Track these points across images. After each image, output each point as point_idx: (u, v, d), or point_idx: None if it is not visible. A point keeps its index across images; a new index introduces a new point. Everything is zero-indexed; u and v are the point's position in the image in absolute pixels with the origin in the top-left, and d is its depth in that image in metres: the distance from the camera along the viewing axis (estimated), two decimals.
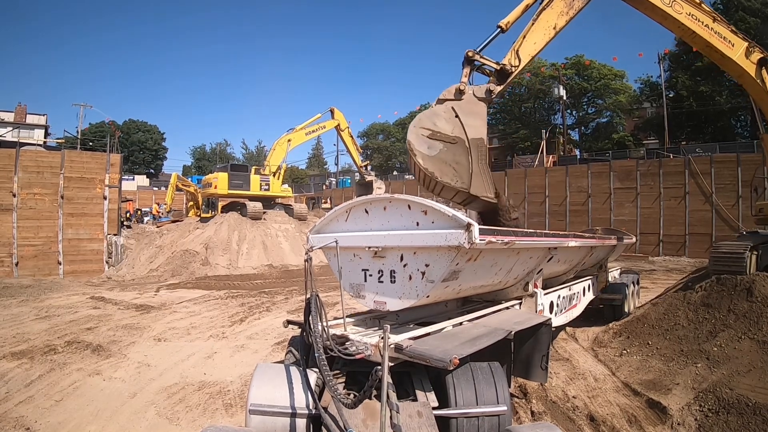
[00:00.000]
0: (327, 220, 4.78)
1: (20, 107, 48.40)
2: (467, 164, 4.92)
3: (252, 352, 7.30)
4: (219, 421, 4.83)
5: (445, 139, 4.92)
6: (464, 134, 5.01)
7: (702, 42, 6.86)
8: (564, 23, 5.68)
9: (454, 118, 5.04)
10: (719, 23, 6.84)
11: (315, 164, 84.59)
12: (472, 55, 5.28)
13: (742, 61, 7.13)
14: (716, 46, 6.88)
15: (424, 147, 4.85)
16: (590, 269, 8.38)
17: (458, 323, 4.33)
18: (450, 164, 4.88)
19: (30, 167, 16.71)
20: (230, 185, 22.71)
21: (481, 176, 4.93)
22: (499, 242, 3.77)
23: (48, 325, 8.95)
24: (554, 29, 5.62)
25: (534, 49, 5.55)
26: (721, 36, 6.86)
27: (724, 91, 36.18)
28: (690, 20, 6.56)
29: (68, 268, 16.80)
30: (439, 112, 5.08)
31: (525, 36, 5.48)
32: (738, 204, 22.70)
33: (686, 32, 6.73)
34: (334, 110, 25.70)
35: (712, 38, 6.80)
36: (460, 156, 4.94)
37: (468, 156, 4.95)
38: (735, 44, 7.05)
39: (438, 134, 4.91)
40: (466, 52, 5.28)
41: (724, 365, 5.61)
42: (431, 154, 4.83)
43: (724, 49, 6.95)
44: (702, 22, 6.67)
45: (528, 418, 4.82)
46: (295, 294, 12.82)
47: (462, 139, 5.00)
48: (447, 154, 4.90)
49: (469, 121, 5.06)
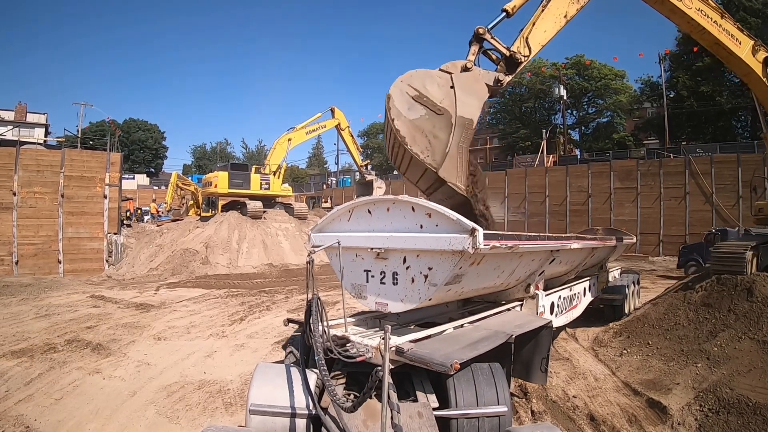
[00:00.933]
0: (329, 219, 4.76)
1: (20, 106, 48.34)
2: (445, 141, 4.34)
3: (252, 351, 7.30)
4: (219, 420, 4.83)
5: (430, 106, 4.34)
6: (454, 108, 4.45)
7: (710, 39, 6.73)
8: (575, 11, 5.40)
9: (449, 88, 4.51)
10: (727, 20, 6.76)
11: (315, 163, 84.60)
12: (483, 32, 4.82)
13: (749, 60, 7.05)
14: (725, 43, 6.75)
15: (405, 106, 4.31)
16: (591, 270, 8.38)
17: (459, 325, 4.32)
18: (426, 135, 4.30)
19: (30, 166, 16.69)
20: (230, 184, 22.70)
21: (457, 161, 4.35)
22: (503, 247, 3.76)
23: (48, 323, 8.95)
24: (565, 18, 5.33)
25: (544, 38, 5.21)
26: (728, 33, 6.76)
27: (725, 92, 36.17)
28: (699, 15, 6.43)
29: (68, 267, 16.80)
30: (434, 75, 4.53)
31: (534, 23, 5.15)
32: (738, 204, 22.70)
33: (695, 28, 6.61)
34: (334, 109, 25.68)
35: (720, 35, 6.67)
36: (440, 130, 4.35)
37: (449, 133, 4.36)
38: (742, 42, 6.97)
39: (425, 99, 4.35)
40: (476, 29, 4.81)
41: (724, 365, 5.62)
42: (409, 117, 4.28)
43: (732, 46, 6.85)
44: (711, 18, 6.55)
45: (528, 418, 4.82)
46: (295, 293, 12.82)
47: (450, 112, 4.42)
48: (426, 123, 4.33)
49: (465, 98, 4.53)
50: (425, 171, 4.41)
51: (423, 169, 4.38)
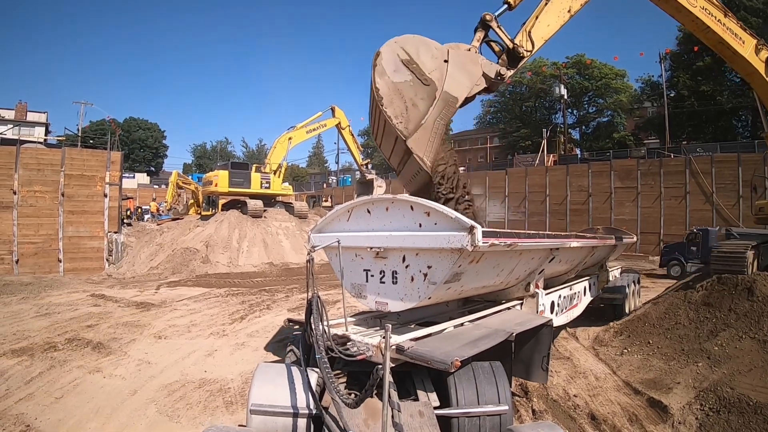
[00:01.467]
0: (328, 219, 4.76)
1: (21, 105, 48.35)
2: (423, 112, 4.17)
3: (252, 350, 7.30)
4: (219, 419, 4.83)
5: (417, 74, 4.20)
6: (442, 82, 4.29)
7: (714, 38, 6.75)
8: (579, 7, 5.34)
9: (443, 62, 4.36)
10: (730, 19, 6.76)
11: (315, 162, 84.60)
12: (490, 19, 4.72)
13: (752, 59, 7.07)
14: (729, 42, 6.76)
15: (391, 67, 4.16)
16: (591, 269, 8.38)
17: (459, 324, 4.32)
18: (405, 101, 4.13)
19: (30, 165, 16.68)
20: (231, 183, 22.69)
21: (430, 135, 4.18)
22: (502, 244, 3.76)
23: (48, 322, 8.94)
24: (569, 12, 5.27)
25: (547, 33, 5.14)
26: (732, 32, 6.77)
27: (725, 91, 36.17)
28: (703, 14, 6.43)
29: (68, 266, 16.79)
30: (430, 45, 4.37)
31: (537, 17, 5.08)
32: (738, 203, 22.69)
33: (699, 26, 6.61)
34: (335, 108, 25.65)
35: (724, 34, 6.68)
36: (421, 100, 4.18)
37: (430, 105, 4.19)
38: (745, 41, 6.98)
39: (414, 65, 4.20)
40: (483, 15, 4.71)
41: (725, 364, 5.62)
42: (393, 79, 4.14)
43: (736, 45, 6.86)
44: (715, 17, 6.56)
45: (529, 417, 4.82)
46: (295, 292, 12.82)
47: (436, 85, 4.26)
48: (409, 89, 4.17)
49: (456, 75, 4.37)
50: (396, 141, 4.22)
51: (394, 137, 4.20)
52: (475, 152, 65.52)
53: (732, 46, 6.84)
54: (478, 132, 65.20)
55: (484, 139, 64.50)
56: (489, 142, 63.62)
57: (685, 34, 36.48)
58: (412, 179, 4.63)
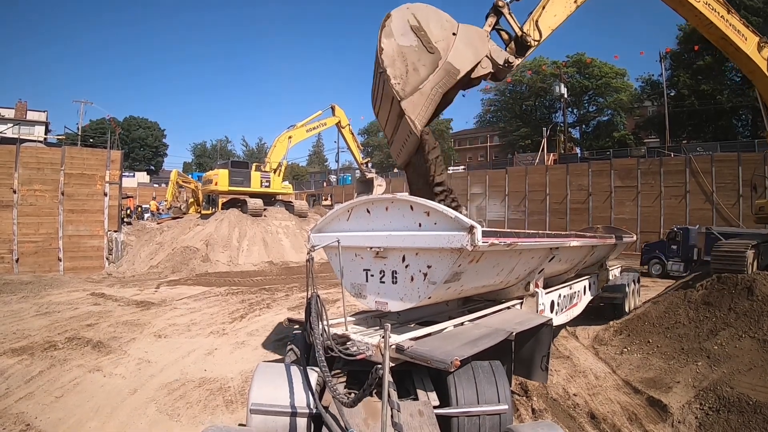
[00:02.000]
0: (328, 219, 4.76)
1: (21, 104, 48.24)
2: (423, 78, 4.24)
3: (252, 349, 7.31)
4: (219, 418, 4.83)
5: (424, 41, 4.24)
6: (446, 53, 4.35)
7: (717, 33, 6.77)
8: None
9: (452, 34, 4.42)
10: (733, 15, 6.78)
11: (315, 161, 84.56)
12: (502, 5, 4.80)
13: (754, 56, 7.09)
14: (731, 37, 6.80)
15: (399, 31, 4.23)
16: (591, 268, 8.38)
17: (459, 323, 4.32)
18: (407, 64, 4.21)
19: (30, 164, 16.66)
20: (231, 182, 22.67)
21: (426, 100, 4.25)
22: (502, 244, 3.76)
23: (48, 321, 8.95)
24: (575, 3, 5.31)
25: (554, 22, 5.20)
26: (735, 28, 6.80)
27: (726, 90, 36.14)
28: (707, 9, 6.47)
29: (68, 265, 16.79)
30: (441, 16, 4.44)
31: (544, 6, 5.15)
32: (738, 203, 22.69)
33: (702, 21, 6.64)
34: (335, 107, 25.63)
35: (727, 29, 6.71)
36: (423, 66, 4.25)
37: (430, 72, 4.26)
38: (748, 38, 7.00)
39: (422, 32, 4.25)
40: (495, 1, 4.78)
41: (724, 364, 5.62)
42: (399, 42, 4.20)
43: (738, 41, 6.89)
44: (718, 13, 6.59)
45: (529, 416, 4.83)
46: (295, 291, 12.82)
47: (440, 55, 4.31)
48: (413, 54, 4.23)
49: (462, 48, 4.44)
50: (392, 104, 4.28)
51: (390, 99, 4.24)
52: (475, 151, 65.55)
53: (734, 42, 6.86)
54: (478, 131, 65.23)
55: (484, 138, 64.52)
56: (489, 141, 63.63)
57: (686, 33, 36.49)
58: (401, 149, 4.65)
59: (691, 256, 16.15)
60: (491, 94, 54.32)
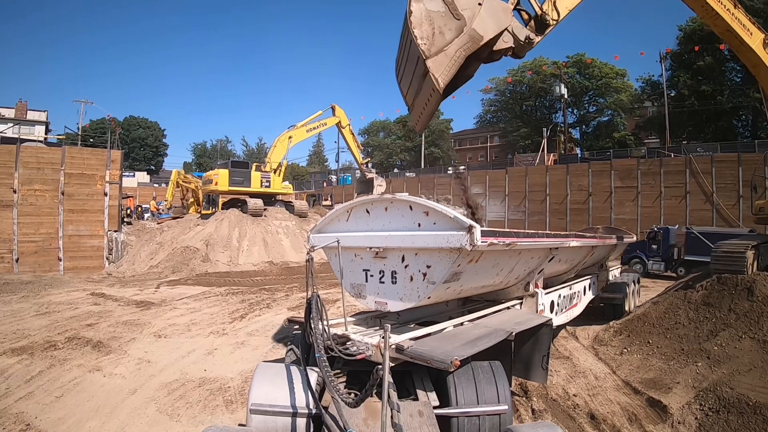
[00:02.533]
0: (328, 219, 4.77)
1: (21, 103, 48.30)
2: (448, 41, 4.37)
3: (252, 349, 7.31)
4: (219, 418, 4.83)
5: (450, 7, 4.42)
6: (472, 21, 4.50)
7: (723, 25, 6.89)
8: None
9: (477, 4, 4.56)
10: (739, 10, 6.89)
11: (316, 161, 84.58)
12: None
13: (759, 51, 7.17)
14: (737, 31, 6.93)
15: None
16: (591, 268, 8.38)
17: (459, 323, 4.32)
18: (434, 28, 4.35)
19: (30, 163, 16.67)
20: (231, 182, 22.67)
21: (450, 61, 4.38)
22: (501, 244, 3.76)
23: (48, 321, 8.95)
24: None
25: (571, 3, 5.35)
26: (741, 22, 6.92)
27: (726, 91, 36.13)
28: (714, 1, 6.58)
29: (68, 265, 16.80)
30: None
31: None
32: (739, 203, 22.68)
33: (709, 13, 6.75)
34: (335, 107, 25.62)
35: (733, 23, 6.84)
36: (449, 30, 4.40)
37: (455, 36, 4.40)
38: (753, 33, 7.12)
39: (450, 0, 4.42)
40: None
41: (724, 364, 5.62)
42: (427, 6, 4.37)
43: (744, 35, 7.01)
44: (724, 6, 6.70)
45: (529, 416, 4.83)
46: (295, 291, 12.82)
47: (466, 21, 4.48)
48: (439, 19, 4.40)
49: (486, 17, 4.59)
50: (417, 65, 4.44)
51: (415, 59, 4.40)
52: (476, 151, 65.57)
53: (740, 35, 6.96)
54: (478, 131, 65.26)
55: (485, 138, 64.54)
56: (489, 141, 63.65)
57: (686, 33, 36.53)
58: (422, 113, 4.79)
59: (671, 255, 16.28)
60: (491, 95, 54.45)
